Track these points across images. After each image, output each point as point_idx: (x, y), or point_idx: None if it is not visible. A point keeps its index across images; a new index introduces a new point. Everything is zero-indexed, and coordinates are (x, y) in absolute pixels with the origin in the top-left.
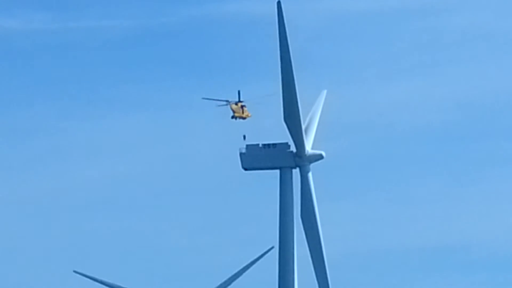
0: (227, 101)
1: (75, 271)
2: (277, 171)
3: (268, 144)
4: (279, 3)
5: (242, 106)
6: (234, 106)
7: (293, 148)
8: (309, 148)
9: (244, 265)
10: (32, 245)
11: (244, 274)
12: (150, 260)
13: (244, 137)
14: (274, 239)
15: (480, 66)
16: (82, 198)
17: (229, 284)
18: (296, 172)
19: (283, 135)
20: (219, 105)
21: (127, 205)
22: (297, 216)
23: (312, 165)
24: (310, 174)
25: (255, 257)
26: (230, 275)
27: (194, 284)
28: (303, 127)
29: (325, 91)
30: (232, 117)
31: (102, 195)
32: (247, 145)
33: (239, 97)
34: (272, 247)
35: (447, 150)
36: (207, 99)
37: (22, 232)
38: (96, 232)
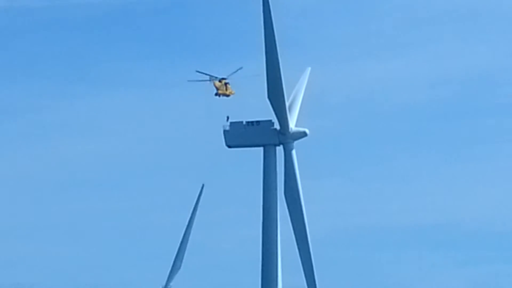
0: (210, 79)
1: None
2: (261, 149)
3: (252, 122)
4: None
5: (225, 84)
6: (217, 83)
7: (277, 126)
8: (293, 125)
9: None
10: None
11: (227, 250)
12: (134, 236)
13: (228, 118)
14: (257, 217)
15: (466, 43)
16: (67, 176)
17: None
18: (279, 150)
19: (267, 113)
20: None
21: (110, 183)
22: (280, 194)
23: (296, 143)
24: (293, 152)
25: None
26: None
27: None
28: (287, 104)
29: (309, 69)
30: (216, 94)
31: (86, 172)
32: (230, 123)
33: (205, 75)
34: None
35: (433, 127)
36: (192, 81)
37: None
38: (79, 210)
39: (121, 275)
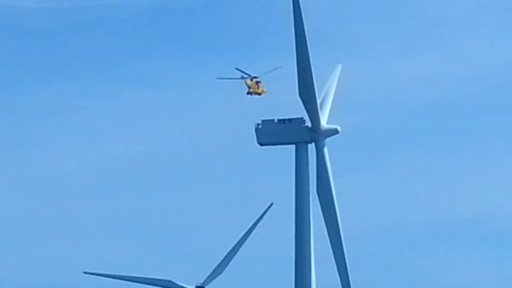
0: (242, 77)
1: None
2: (293, 146)
3: (284, 119)
4: None
5: (257, 82)
6: (249, 82)
7: (308, 123)
8: (324, 122)
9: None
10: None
11: (260, 248)
12: (167, 236)
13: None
14: (290, 214)
15: (493, 40)
16: (100, 175)
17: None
18: (311, 147)
19: (298, 110)
20: (219, 78)
21: (142, 182)
22: (313, 191)
23: (327, 140)
24: (325, 149)
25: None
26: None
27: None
28: (318, 102)
29: (339, 66)
30: (248, 93)
31: (118, 172)
32: (262, 121)
33: (243, 73)
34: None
35: (463, 124)
36: (221, 78)
37: (36, 209)
38: (113, 209)
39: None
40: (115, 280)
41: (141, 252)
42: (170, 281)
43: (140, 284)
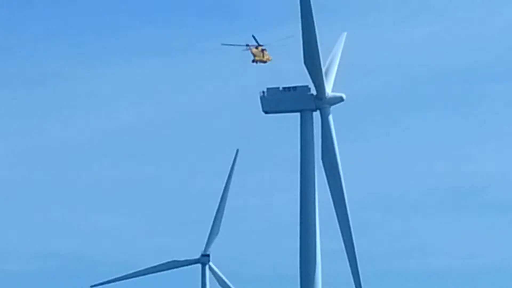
0: (247, 45)
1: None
2: (298, 114)
3: (289, 87)
4: None
5: (262, 50)
6: (254, 50)
7: (313, 91)
8: (329, 90)
9: None
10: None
11: (265, 216)
12: (170, 204)
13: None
14: (295, 182)
15: (499, 7)
16: (103, 145)
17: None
18: (316, 115)
19: (303, 78)
20: (245, 49)
21: (146, 150)
22: (318, 159)
23: (332, 108)
24: (330, 117)
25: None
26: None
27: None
28: (323, 69)
29: (345, 33)
30: (253, 61)
31: (122, 140)
32: (267, 89)
33: (256, 41)
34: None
35: (467, 91)
36: (226, 44)
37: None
38: (114, 178)
39: (159, 241)
40: (124, 280)
41: (145, 219)
42: (174, 261)
43: (147, 276)
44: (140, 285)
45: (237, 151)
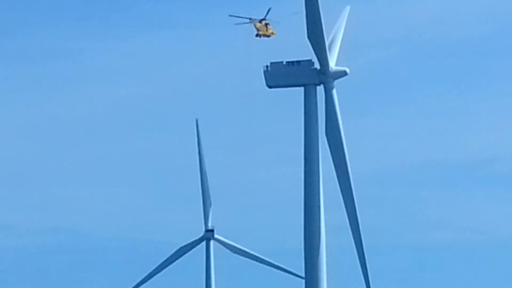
0: (250, 18)
1: None
2: (301, 88)
3: (292, 62)
4: None
5: (266, 24)
6: (258, 24)
7: (317, 65)
8: (333, 64)
9: None
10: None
11: (270, 190)
12: (173, 179)
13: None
14: (299, 156)
15: None
16: (109, 119)
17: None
18: (320, 89)
19: (307, 52)
20: (237, 23)
21: (151, 125)
22: (321, 133)
23: (336, 82)
24: (334, 91)
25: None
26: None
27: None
28: (327, 44)
29: (348, 7)
30: (256, 35)
31: (127, 115)
32: (271, 63)
33: (266, 14)
34: None
35: (472, 64)
36: (234, 16)
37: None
38: (123, 149)
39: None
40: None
41: (145, 195)
42: (180, 248)
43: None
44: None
45: (197, 121)
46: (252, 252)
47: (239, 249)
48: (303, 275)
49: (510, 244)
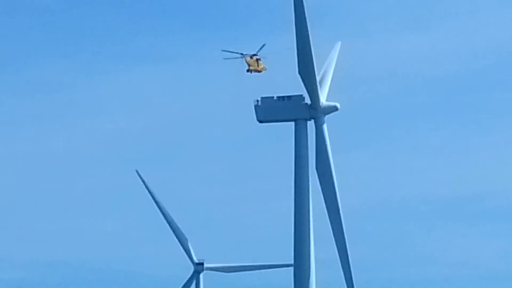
0: (242, 54)
1: None
2: (292, 123)
3: (283, 97)
4: None
5: (257, 60)
6: (249, 60)
7: (307, 100)
8: (323, 100)
9: None
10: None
11: (260, 225)
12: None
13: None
14: (289, 191)
15: (493, 16)
16: (101, 152)
17: None
18: (311, 124)
19: (298, 88)
20: (227, 58)
21: (140, 158)
22: (312, 168)
23: (326, 117)
24: (325, 126)
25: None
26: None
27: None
28: (318, 79)
29: (339, 43)
30: (247, 70)
31: (119, 148)
32: (262, 98)
33: (258, 50)
34: None
35: (461, 100)
36: (227, 51)
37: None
38: (111, 184)
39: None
40: None
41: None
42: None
43: None
44: None
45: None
46: (247, 264)
47: (233, 266)
48: None
49: (500, 279)
